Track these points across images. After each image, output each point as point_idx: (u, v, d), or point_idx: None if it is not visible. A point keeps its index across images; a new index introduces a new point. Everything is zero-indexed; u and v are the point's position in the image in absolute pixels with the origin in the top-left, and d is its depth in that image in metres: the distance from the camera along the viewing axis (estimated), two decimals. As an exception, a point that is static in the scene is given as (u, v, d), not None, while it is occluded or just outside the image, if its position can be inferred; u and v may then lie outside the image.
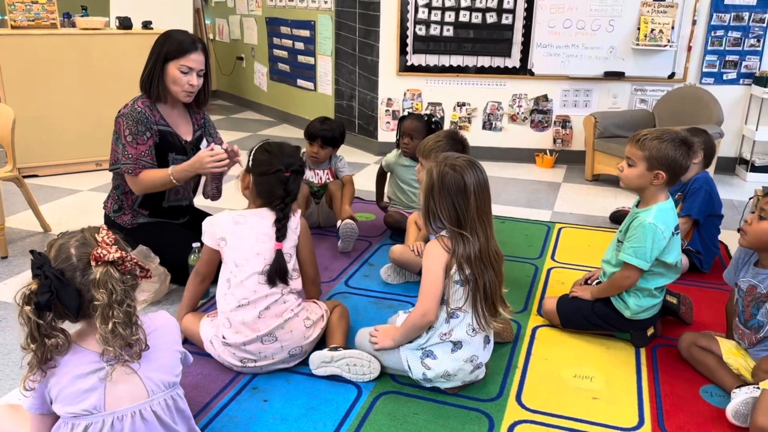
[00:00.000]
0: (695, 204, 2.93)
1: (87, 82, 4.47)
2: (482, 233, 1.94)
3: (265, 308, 2.09)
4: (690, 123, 4.29)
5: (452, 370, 2.00)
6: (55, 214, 3.67)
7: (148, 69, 2.61)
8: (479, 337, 2.02)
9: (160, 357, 1.50)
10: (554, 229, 3.62)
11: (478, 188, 1.92)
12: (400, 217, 3.31)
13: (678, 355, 2.30)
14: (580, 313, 2.41)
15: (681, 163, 2.20)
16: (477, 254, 1.92)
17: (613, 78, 4.95)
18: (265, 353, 2.10)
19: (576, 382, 2.16)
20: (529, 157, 5.15)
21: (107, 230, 1.45)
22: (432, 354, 2.01)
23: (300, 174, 2.19)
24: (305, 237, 2.23)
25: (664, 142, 2.19)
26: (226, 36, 7.50)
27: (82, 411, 1.41)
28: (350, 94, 5.53)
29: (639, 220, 2.24)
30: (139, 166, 2.57)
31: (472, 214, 1.91)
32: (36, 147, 4.38)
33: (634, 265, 2.22)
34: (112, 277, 1.37)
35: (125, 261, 1.40)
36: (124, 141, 2.57)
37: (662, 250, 2.22)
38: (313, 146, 3.36)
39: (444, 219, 1.93)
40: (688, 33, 4.82)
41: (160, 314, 1.60)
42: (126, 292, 1.39)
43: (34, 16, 4.38)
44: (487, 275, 1.95)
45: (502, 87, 5.08)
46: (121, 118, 2.59)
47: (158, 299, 2.68)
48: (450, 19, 4.93)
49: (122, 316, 1.38)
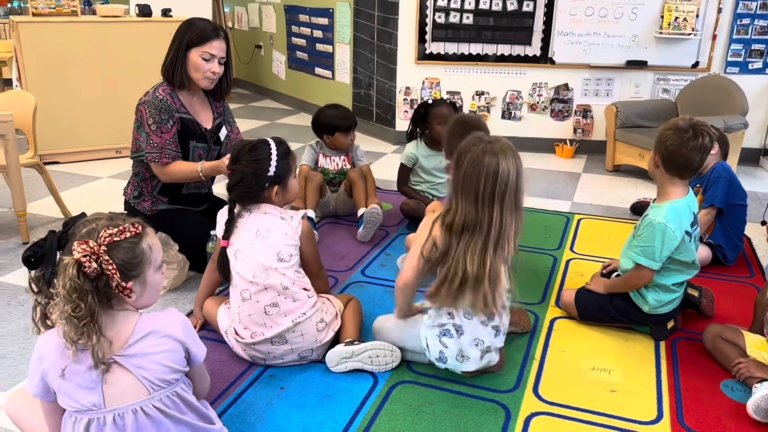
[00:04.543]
0: (717, 192, 2.89)
1: (107, 69, 4.49)
2: (492, 218, 1.88)
3: (271, 304, 2.05)
4: (714, 113, 4.23)
5: (465, 350, 2.00)
6: (75, 201, 3.70)
7: (170, 56, 2.62)
8: (477, 321, 1.99)
9: (157, 359, 1.46)
10: (573, 220, 3.58)
11: (508, 176, 1.88)
12: (417, 205, 3.31)
13: (698, 348, 2.27)
14: (598, 306, 2.39)
15: (668, 145, 2.14)
16: (459, 227, 1.89)
17: (636, 67, 4.87)
18: (274, 354, 2.09)
19: (594, 374, 2.14)
20: (549, 146, 5.10)
21: (121, 230, 1.40)
22: (449, 333, 2.01)
23: (234, 172, 2.11)
24: (307, 238, 2.17)
25: (666, 124, 2.19)
26: (244, 24, 7.50)
27: (82, 406, 1.42)
28: (368, 82, 5.51)
29: (649, 218, 2.21)
30: (165, 154, 2.58)
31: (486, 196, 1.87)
32: (57, 134, 4.42)
33: (643, 264, 2.20)
34: (67, 270, 1.33)
35: (87, 267, 1.34)
36: (147, 129, 2.58)
37: (675, 249, 2.19)
38: (349, 134, 3.37)
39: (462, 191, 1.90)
40: (713, 21, 4.72)
41: (167, 313, 1.54)
42: (74, 293, 1.33)
43: (55, 3, 4.41)
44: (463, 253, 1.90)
45: (522, 76, 5.03)
46: (143, 106, 2.60)
47: (177, 286, 2.70)
48: (470, 6, 4.88)
49: (68, 314, 1.33)
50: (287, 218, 2.14)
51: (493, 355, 2.06)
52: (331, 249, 3.11)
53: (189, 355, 1.53)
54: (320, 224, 3.42)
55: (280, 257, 2.08)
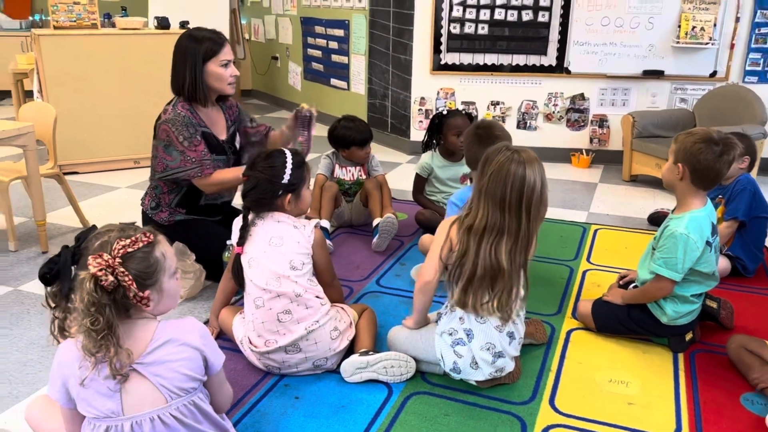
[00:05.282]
0: (741, 205, 2.87)
1: (126, 80, 4.56)
2: (511, 225, 1.91)
3: (284, 311, 2.06)
4: (732, 123, 4.18)
5: (477, 356, 2.00)
6: (94, 211, 3.75)
7: (186, 74, 2.58)
8: (490, 326, 1.99)
9: (175, 366, 1.47)
10: (590, 231, 3.56)
11: (532, 187, 1.91)
12: (432, 215, 3.31)
13: (718, 361, 2.24)
14: (615, 318, 2.36)
15: (701, 159, 2.11)
16: (480, 229, 1.91)
17: (652, 77, 4.85)
18: (289, 363, 2.10)
19: (611, 386, 2.12)
20: (565, 156, 5.08)
21: (134, 240, 1.42)
22: (462, 341, 2.01)
23: (249, 178, 2.14)
24: (319, 247, 2.18)
25: (692, 135, 2.16)
26: (261, 36, 7.57)
27: (100, 413, 1.43)
28: (383, 93, 5.53)
29: (670, 229, 2.18)
30: (205, 166, 2.60)
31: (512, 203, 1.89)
32: (76, 144, 4.49)
33: (665, 276, 2.17)
34: (84, 285, 1.35)
35: (104, 280, 1.35)
36: (181, 147, 2.56)
37: (696, 260, 2.16)
38: (365, 147, 3.37)
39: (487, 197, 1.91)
40: (731, 30, 4.69)
41: (185, 321, 1.55)
42: (92, 307, 1.34)
43: (75, 16, 4.48)
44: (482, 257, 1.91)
45: (537, 85, 5.02)
46: (166, 125, 2.57)
47: (193, 295, 2.72)
48: (485, 17, 4.89)
49: (86, 328, 1.35)
50: (300, 227, 2.16)
51: (507, 361, 2.04)
52: (346, 259, 3.11)
53: (207, 363, 1.54)
54: (335, 234, 3.43)
55: (293, 265, 2.09)
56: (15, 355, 2.27)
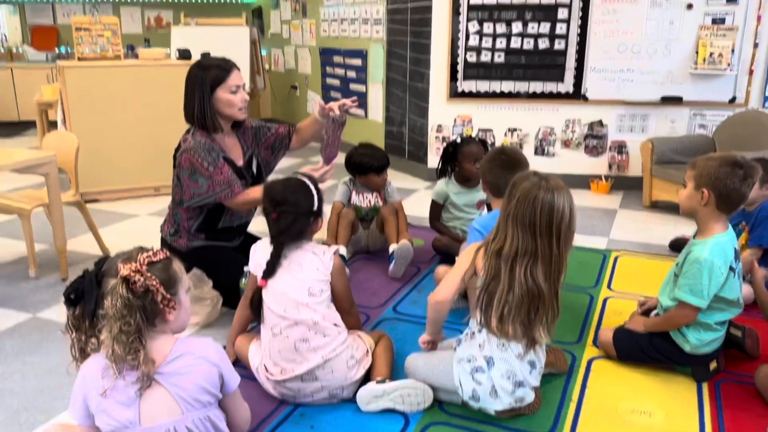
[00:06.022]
0: (766, 232, 2.82)
1: (147, 110, 4.64)
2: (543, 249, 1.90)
3: (301, 339, 2.04)
4: (753, 149, 4.13)
5: (497, 386, 1.96)
6: (113, 237, 3.78)
7: (195, 104, 2.61)
8: (511, 354, 1.95)
9: (192, 378, 1.53)
10: (610, 257, 3.51)
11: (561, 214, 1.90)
12: (449, 242, 3.29)
13: (744, 391, 2.17)
14: (637, 346, 2.31)
15: (728, 183, 2.08)
16: (512, 254, 1.90)
17: (671, 103, 4.82)
18: (304, 391, 2.07)
19: (634, 417, 2.07)
20: (584, 182, 5.04)
21: (154, 253, 1.53)
22: (481, 369, 1.97)
23: (285, 214, 2.11)
24: (338, 274, 2.17)
25: (714, 160, 2.13)
26: (281, 66, 7.69)
27: (118, 423, 1.47)
28: (400, 120, 5.56)
29: (694, 255, 2.14)
30: (234, 185, 2.62)
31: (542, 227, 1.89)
32: (98, 173, 4.55)
33: (690, 303, 2.13)
34: (116, 291, 1.44)
35: (135, 282, 1.45)
36: (207, 173, 2.57)
37: (720, 286, 2.12)
38: (382, 174, 3.39)
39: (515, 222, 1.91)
40: (750, 56, 4.67)
41: (202, 339, 1.63)
42: (125, 309, 1.44)
43: (99, 48, 4.59)
44: (512, 282, 1.90)
45: (554, 112, 5.02)
46: (187, 153, 2.58)
47: (210, 322, 2.71)
48: (501, 45, 4.92)
49: (117, 332, 1.43)
50: (319, 253, 2.15)
51: (527, 391, 2.00)
52: (363, 285, 3.10)
53: (223, 380, 1.60)
54: (352, 260, 3.42)
55: (311, 292, 2.08)
56: (32, 381, 2.28)
